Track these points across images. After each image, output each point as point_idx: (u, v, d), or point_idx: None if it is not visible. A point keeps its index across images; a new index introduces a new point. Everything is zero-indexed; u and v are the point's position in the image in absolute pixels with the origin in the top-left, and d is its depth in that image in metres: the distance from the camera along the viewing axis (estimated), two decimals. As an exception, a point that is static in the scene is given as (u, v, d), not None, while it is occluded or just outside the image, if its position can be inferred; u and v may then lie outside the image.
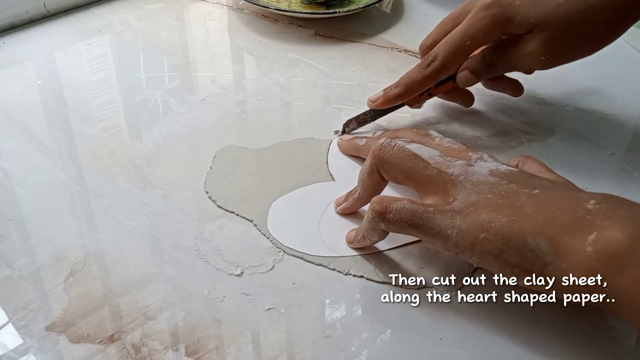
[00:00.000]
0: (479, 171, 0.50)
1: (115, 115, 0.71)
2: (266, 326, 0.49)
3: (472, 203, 0.47)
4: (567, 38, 0.60)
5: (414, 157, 0.52)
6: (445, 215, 0.48)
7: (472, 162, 0.51)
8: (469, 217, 0.47)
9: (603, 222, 0.43)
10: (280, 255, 0.55)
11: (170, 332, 0.49)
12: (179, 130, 0.69)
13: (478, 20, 0.61)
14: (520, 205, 0.46)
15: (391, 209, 0.49)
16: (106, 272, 0.53)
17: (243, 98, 0.75)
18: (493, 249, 0.45)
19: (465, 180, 0.49)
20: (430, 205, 0.49)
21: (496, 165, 0.51)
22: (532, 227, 0.44)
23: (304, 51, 0.83)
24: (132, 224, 0.58)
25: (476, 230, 0.46)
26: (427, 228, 0.48)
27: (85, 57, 0.81)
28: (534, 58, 0.61)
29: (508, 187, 0.47)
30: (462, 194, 0.48)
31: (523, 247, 0.44)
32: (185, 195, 0.60)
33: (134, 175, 0.63)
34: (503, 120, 0.70)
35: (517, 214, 0.45)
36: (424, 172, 0.51)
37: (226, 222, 0.58)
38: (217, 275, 0.53)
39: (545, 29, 0.59)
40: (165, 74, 0.79)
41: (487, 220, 0.46)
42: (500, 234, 0.45)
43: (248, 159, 0.65)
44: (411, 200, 0.50)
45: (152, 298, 0.51)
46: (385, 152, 0.53)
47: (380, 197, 0.51)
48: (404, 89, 0.64)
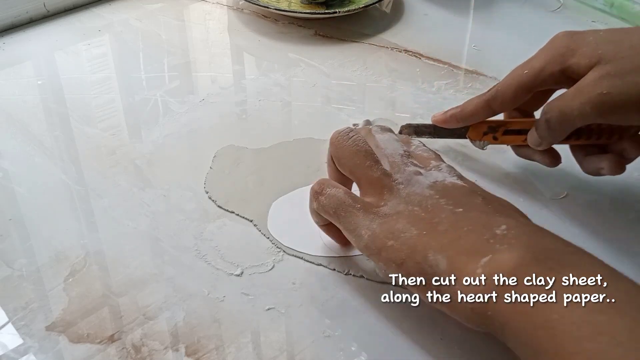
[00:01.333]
0: (421, 182, 0.50)
1: (115, 115, 0.71)
2: (266, 326, 0.49)
3: (397, 212, 0.48)
4: (635, 75, 0.51)
5: (363, 154, 0.52)
6: (368, 216, 0.48)
7: (424, 171, 0.51)
8: (387, 224, 0.47)
9: (501, 246, 0.43)
10: (280, 255, 0.55)
11: (170, 332, 0.49)
12: (179, 130, 0.69)
13: (542, 50, 0.57)
14: (438, 222, 0.46)
15: (324, 193, 0.51)
16: (106, 272, 0.53)
17: (243, 98, 0.75)
18: (396, 257, 0.46)
19: (404, 188, 0.49)
20: (361, 202, 0.50)
21: (444, 177, 0.51)
22: (437, 244, 0.45)
23: (304, 51, 0.83)
24: (132, 224, 0.58)
25: (386, 237, 0.47)
26: (347, 222, 0.49)
27: (85, 57, 0.81)
28: (589, 94, 0.52)
29: (437, 202, 0.48)
30: (393, 201, 0.49)
31: (423, 261, 0.45)
32: (185, 195, 0.60)
33: (134, 175, 0.63)
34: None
35: (430, 229, 0.46)
36: (367, 171, 0.51)
37: (226, 222, 0.58)
38: (217, 275, 0.53)
39: (611, 61, 0.52)
40: (165, 74, 0.79)
41: (400, 229, 0.46)
42: (406, 245, 0.46)
43: (248, 159, 0.65)
44: (347, 192, 0.50)
45: (152, 298, 0.51)
46: (338, 142, 0.53)
47: (323, 179, 0.52)
48: (459, 109, 0.62)
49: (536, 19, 0.92)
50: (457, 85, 0.76)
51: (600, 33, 0.54)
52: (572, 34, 0.55)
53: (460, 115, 0.62)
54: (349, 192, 0.51)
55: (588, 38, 0.54)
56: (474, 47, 0.84)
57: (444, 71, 0.79)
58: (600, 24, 0.90)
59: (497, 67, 0.79)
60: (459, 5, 0.95)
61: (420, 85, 0.76)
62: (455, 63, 0.80)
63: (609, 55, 0.52)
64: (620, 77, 0.51)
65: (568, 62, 0.54)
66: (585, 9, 0.93)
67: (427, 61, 0.81)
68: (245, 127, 0.70)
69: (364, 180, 0.51)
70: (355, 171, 0.52)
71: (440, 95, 0.74)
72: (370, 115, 0.70)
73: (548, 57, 0.56)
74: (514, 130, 0.60)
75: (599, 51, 0.52)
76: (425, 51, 0.83)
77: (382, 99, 0.74)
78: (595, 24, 0.90)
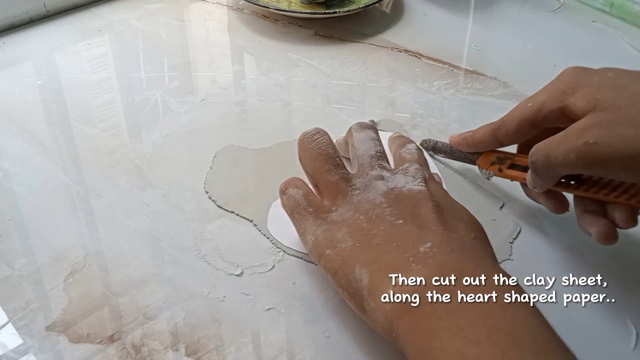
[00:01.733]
0: (378, 188, 0.50)
1: (115, 115, 0.71)
2: (266, 326, 0.49)
3: (343, 219, 0.48)
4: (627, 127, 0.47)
5: (324, 158, 0.52)
6: (316, 221, 0.49)
7: (388, 175, 0.52)
8: (330, 231, 0.48)
9: (416, 267, 0.43)
10: (280, 255, 0.55)
11: (170, 332, 0.49)
12: (179, 130, 0.69)
13: (549, 83, 0.54)
14: (375, 234, 0.46)
15: (287, 192, 0.52)
16: (106, 272, 0.53)
17: (243, 98, 0.75)
18: (331, 267, 0.47)
19: (359, 194, 0.50)
20: (315, 206, 0.50)
21: (405, 182, 0.51)
22: (365, 258, 0.45)
23: (304, 51, 0.83)
24: (132, 224, 0.58)
25: (326, 245, 0.47)
26: (298, 224, 0.51)
27: (85, 57, 0.81)
28: (576, 141, 0.48)
29: (382, 212, 0.48)
30: (344, 208, 0.49)
31: (350, 275, 0.45)
32: (185, 195, 0.60)
33: (134, 175, 0.63)
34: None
35: (364, 241, 0.46)
36: (325, 175, 0.51)
37: (226, 222, 0.58)
38: (217, 275, 0.53)
39: (607, 109, 0.48)
40: (165, 74, 0.79)
41: (339, 239, 0.47)
42: (339, 256, 0.46)
43: (248, 159, 0.65)
44: (307, 194, 0.51)
45: (152, 298, 0.51)
46: (302, 144, 0.54)
47: (291, 178, 0.53)
48: (471, 133, 0.60)
49: (536, 19, 0.92)
50: (457, 85, 0.76)
51: (609, 74, 0.51)
52: (578, 71, 0.52)
53: (470, 140, 0.60)
54: (308, 193, 0.51)
55: (592, 78, 0.51)
56: (474, 47, 0.84)
57: (444, 71, 0.79)
58: (600, 24, 0.90)
59: (497, 67, 0.79)
60: (459, 5, 0.95)
61: (420, 85, 0.76)
62: (455, 63, 0.80)
63: (606, 101, 0.48)
64: (611, 129, 0.47)
65: (567, 100, 0.51)
66: (585, 9, 0.93)
67: (427, 61, 0.81)
68: (245, 127, 0.70)
69: (322, 184, 0.52)
70: (315, 174, 0.52)
71: (440, 95, 0.74)
72: (370, 115, 0.70)
73: (550, 92, 0.53)
74: (520, 166, 0.58)
75: (597, 96, 0.49)
76: (425, 51, 0.83)
77: (382, 99, 0.74)
78: (595, 24, 0.90)
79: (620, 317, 0.50)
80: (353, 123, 0.58)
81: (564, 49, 0.84)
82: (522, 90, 0.75)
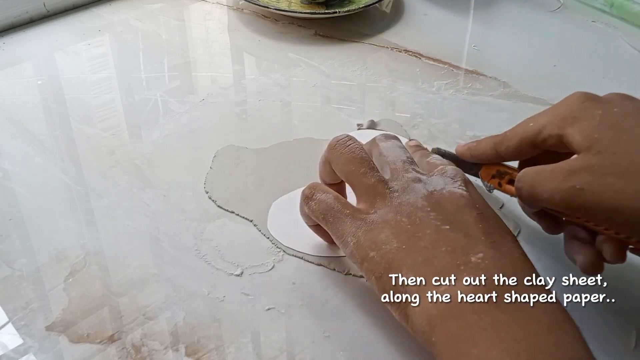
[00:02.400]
0: (418, 190, 0.49)
1: (115, 115, 0.71)
2: (266, 326, 0.49)
3: (385, 220, 0.47)
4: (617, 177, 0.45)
5: (359, 161, 0.51)
6: (355, 222, 0.48)
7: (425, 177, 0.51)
8: (372, 232, 0.47)
9: (468, 275, 0.43)
10: (280, 255, 0.55)
11: (170, 332, 0.49)
12: (179, 130, 0.69)
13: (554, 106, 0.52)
14: (420, 236, 0.45)
15: (315, 198, 0.51)
16: (106, 272, 0.53)
17: (243, 98, 0.75)
18: (376, 270, 0.46)
19: (398, 197, 0.49)
20: (351, 208, 0.49)
21: (444, 184, 0.50)
22: (412, 261, 0.44)
23: (304, 51, 0.83)
24: (132, 224, 0.58)
25: (369, 247, 0.46)
26: (335, 228, 0.49)
27: (85, 57, 0.81)
28: (562, 183, 0.46)
29: (427, 215, 0.47)
30: (384, 210, 0.48)
31: (397, 279, 0.44)
32: (185, 195, 0.60)
33: (134, 175, 0.63)
34: (503, 120, 0.70)
35: (410, 243, 0.45)
36: (361, 178, 0.50)
37: (226, 222, 0.58)
38: (217, 275, 0.53)
39: (601, 153, 0.46)
40: (165, 74, 0.79)
41: (383, 240, 0.46)
42: (385, 258, 0.45)
43: (248, 159, 0.65)
44: (337, 197, 0.50)
45: (152, 298, 0.51)
46: (336, 149, 0.53)
47: (314, 183, 0.52)
48: (475, 144, 0.58)
49: (536, 19, 0.92)
50: (457, 85, 0.76)
51: (614, 109, 0.48)
52: (584, 98, 0.50)
53: (474, 150, 0.58)
54: (339, 197, 0.50)
55: (596, 111, 0.48)
56: (474, 47, 0.85)
57: (444, 71, 0.79)
58: (600, 24, 0.90)
59: (497, 67, 0.79)
60: (459, 5, 0.95)
61: (420, 85, 0.76)
62: (455, 63, 0.80)
63: (603, 143, 0.46)
64: (600, 176, 0.45)
65: (565, 129, 0.49)
66: (585, 9, 0.93)
67: (427, 61, 0.81)
68: (245, 127, 0.70)
69: (359, 186, 0.50)
70: (351, 177, 0.51)
71: (440, 95, 0.74)
72: (370, 115, 0.70)
73: (552, 116, 0.50)
74: None
75: (595, 135, 0.46)
76: (425, 51, 0.83)
77: (382, 99, 0.74)
78: (595, 24, 0.90)
79: (620, 317, 0.50)
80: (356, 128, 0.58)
81: (564, 49, 0.84)
82: (522, 90, 0.75)
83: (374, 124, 0.68)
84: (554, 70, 0.59)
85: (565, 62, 0.80)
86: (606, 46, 0.85)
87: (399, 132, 0.68)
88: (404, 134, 0.67)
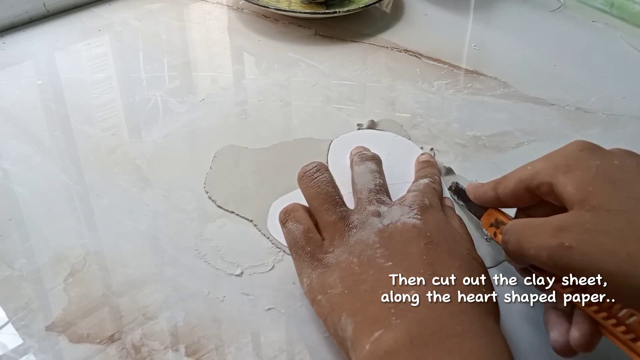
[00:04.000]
0: (374, 225, 0.49)
1: (116, 115, 0.71)
2: (266, 326, 0.49)
3: (337, 262, 0.47)
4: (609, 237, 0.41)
5: (323, 197, 0.51)
6: (312, 263, 0.48)
7: (385, 209, 0.51)
8: (323, 275, 0.47)
9: (396, 320, 0.42)
10: (280, 255, 0.55)
11: (170, 332, 0.49)
12: (179, 130, 0.69)
13: (552, 152, 0.48)
14: (364, 279, 0.45)
15: (287, 225, 0.51)
16: (106, 272, 0.53)
17: (243, 98, 0.75)
18: (321, 313, 0.46)
19: (355, 233, 0.49)
20: (313, 245, 0.49)
21: (401, 215, 0.49)
22: (352, 306, 0.44)
23: (304, 51, 0.83)
24: (132, 224, 0.58)
25: (318, 290, 0.47)
26: (296, 263, 0.50)
27: (85, 57, 0.81)
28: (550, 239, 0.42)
29: (374, 253, 0.46)
30: (340, 249, 0.48)
31: (337, 324, 0.44)
32: (185, 195, 0.60)
33: (134, 175, 0.63)
34: (503, 120, 0.70)
35: (353, 288, 0.45)
36: (323, 215, 0.51)
37: (226, 222, 0.58)
38: (217, 275, 0.53)
39: (595, 209, 0.42)
40: (165, 74, 0.79)
41: (330, 284, 0.46)
42: (329, 303, 0.45)
43: (248, 159, 0.65)
44: (307, 230, 0.50)
45: (152, 298, 0.51)
46: (303, 182, 0.53)
47: (293, 206, 0.52)
48: (480, 184, 0.54)
49: (536, 19, 0.92)
50: (457, 85, 0.76)
51: (615, 161, 0.45)
52: (582, 147, 0.47)
53: (476, 190, 0.54)
54: (309, 230, 0.50)
55: (593, 161, 0.45)
56: (474, 47, 0.84)
57: (444, 71, 0.79)
58: (601, 24, 0.90)
59: (497, 67, 0.79)
60: (459, 5, 0.95)
61: (420, 85, 0.76)
62: (455, 63, 0.80)
63: (597, 198, 0.42)
64: (593, 234, 0.41)
65: (557, 177, 0.45)
66: (586, 9, 0.93)
67: (427, 61, 0.81)
68: (245, 127, 0.70)
69: (321, 222, 0.51)
70: (315, 212, 0.52)
71: (440, 95, 0.74)
72: (370, 115, 0.70)
73: (547, 162, 0.47)
74: None
75: (590, 188, 0.43)
76: (425, 51, 0.83)
77: (382, 98, 0.74)
78: (596, 24, 0.90)
79: None
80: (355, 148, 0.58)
81: (564, 48, 0.84)
82: (522, 90, 0.75)
83: (374, 123, 0.68)
84: (555, 70, 0.59)
85: (565, 62, 0.80)
86: (606, 46, 0.85)
87: (399, 131, 0.68)
88: (404, 134, 0.67)
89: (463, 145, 0.66)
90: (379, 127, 0.69)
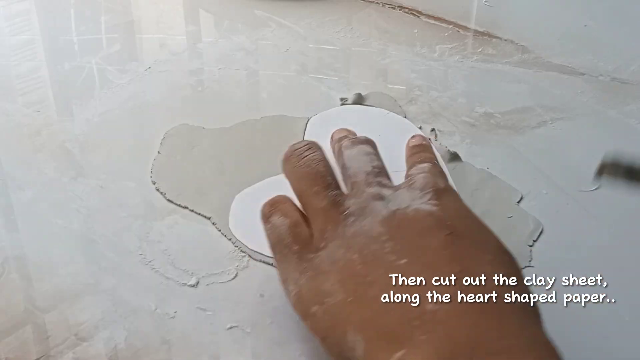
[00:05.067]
0: (377, 211, 0.48)
1: (41, 87, 0.71)
2: (228, 348, 0.50)
3: (333, 261, 0.46)
4: None
5: (313, 177, 0.51)
6: (300, 265, 0.47)
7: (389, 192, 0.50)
8: (315, 280, 0.46)
9: (421, 336, 0.40)
10: (245, 261, 0.55)
11: (109, 356, 0.49)
12: (119, 106, 0.69)
13: None
14: (371, 281, 0.44)
15: (271, 220, 0.50)
16: (29, 281, 0.54)
17: (199, 66, 0.75)
18: (319, 329, 0.45)
19: (353, 222, 0.48)
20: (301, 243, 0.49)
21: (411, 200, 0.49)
22: (359, 318, 0.43)
23: (274, 8, 0.83)
24: (61, 222, 0.58)
25: (312, 300, 0.45)
26: (280, 267, 0.49)
27: (3, 16, 0.81)
28: None
29: (382, 248, 0.45)
30: (335, 243, 0.47)
31: (342, 341, 0.43)
32: (127, 187, 0.61)
33: (63, 161, 0.63)
34: (522, 93, 0.71)
35: (359, 293, 0.44)
36: (312, 200, 0.50)
37: (178, 219, 0.58)
38: (167, 286, 0.53)
39: None
40: (103, 36, 0.79)
41: (327, 291, 0.45)
42: (329, 315, 0.44)
43: (205, 142, 0.65)
44: (294, 224, 0.50)
45: (86, 314, 0.51)
46: (290, 161, 0.53)
47: (279, 198, 0.52)
48: None
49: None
50: (464, 50, 0.77)
51: None
52: None
53: None
54: (297, 224, 0.50)
55: None
56: (485, 2, 0.85)
57: (448, 33, 0.79)
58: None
59: (514, 28, 0.80)
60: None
61: (419, 50, 0.77)
62: (462, 23, 0.81)
63: None
64: None
65: None
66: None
67: (428, 20, 0.81)
68: (202, 102, 0.70)
69: (309, 209, 0.50)
70: (302, 198, 0.51)
71: (443, 63, 0.75)
72: (357, 87, 0.70)
73: None
74: None
75: None
76: (424, 8, 0.83)
77: (371, 67, 0.74)
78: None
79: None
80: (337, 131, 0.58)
81: (597, 4, 0.85)
82: (545, 56, 0.75)
83: (361, 98, 0.69)
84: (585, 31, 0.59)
85: (599, 21, 0.81)
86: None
87: (393, 107, 0.68)
88: (398, 110, 0.68)
89: (471, 124, 0.66)
90: (367, 102, 0.69)
